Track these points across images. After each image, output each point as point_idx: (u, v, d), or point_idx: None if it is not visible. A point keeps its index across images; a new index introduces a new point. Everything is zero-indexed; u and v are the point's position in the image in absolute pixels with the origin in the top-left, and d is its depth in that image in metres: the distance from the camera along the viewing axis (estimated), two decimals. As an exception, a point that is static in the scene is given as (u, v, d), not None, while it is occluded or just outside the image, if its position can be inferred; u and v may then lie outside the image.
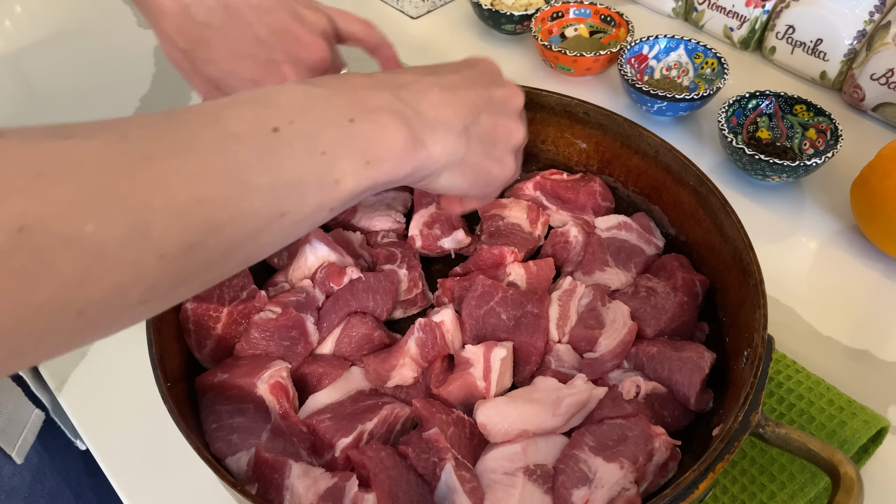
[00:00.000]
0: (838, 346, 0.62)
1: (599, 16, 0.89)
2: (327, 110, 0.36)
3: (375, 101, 0.38)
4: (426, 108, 0.41)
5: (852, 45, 0.79)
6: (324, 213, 0.36)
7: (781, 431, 0.44)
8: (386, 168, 0.38)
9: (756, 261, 0.51)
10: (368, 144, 0.37)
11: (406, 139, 0.39)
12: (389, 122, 0.38)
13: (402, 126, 0.39)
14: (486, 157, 0.45)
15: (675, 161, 0.59)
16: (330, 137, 0.35)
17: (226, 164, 0.31)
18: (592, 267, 0.60)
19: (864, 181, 0.66)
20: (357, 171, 0.36)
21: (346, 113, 0.37)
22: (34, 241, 0.25)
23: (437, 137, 0.41)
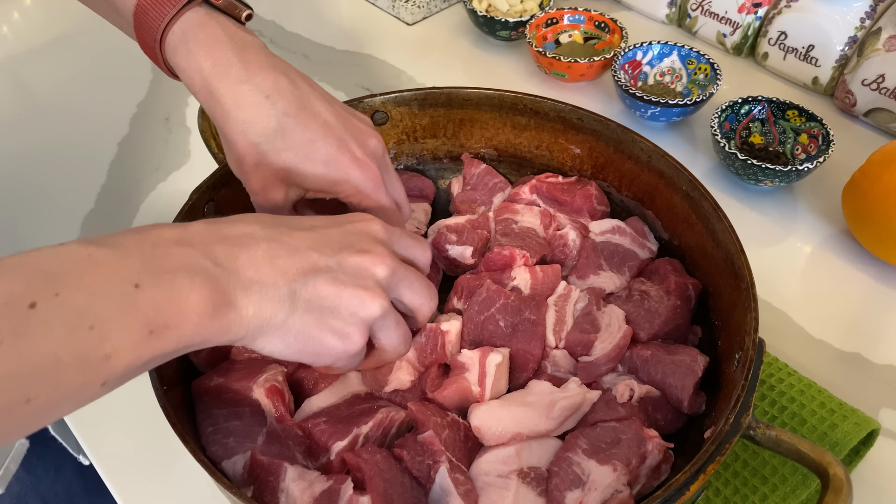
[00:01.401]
0: (830, 349, 0.62)
1: (594, 22, 0.90)
2: (109, 276, 0.33)
3: (174, 261, 0.36)
4: (243, 265, 0.38)
5: (844, 51, 0.80)
6: (93, 390, 0.33)
7: (772, 433, 0.44)
8: (175, 336, 0.35)
9: (747, 265, 0.51)
10: (154, 311, 0.34)
11: (204, 302, 0.36)
12: (187, 283, 0.35)
13: (202, 287, 0.36)
14: (320, 326, 0.41)
15: (668, 166, 0.60)
16: (103, 308, 0.33)
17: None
18: (587, 271, 0.60)
19: (855, 186, 0.66)
20: (136, 343, 0.34)
21: (133, 277, 0.34)
22: None
23: (249, 299, 0.38)
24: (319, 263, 0.41)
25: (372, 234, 0.45)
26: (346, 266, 0.42)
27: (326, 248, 0.42)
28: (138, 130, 0.85)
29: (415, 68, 0.91)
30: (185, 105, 0.88)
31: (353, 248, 0.43)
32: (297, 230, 0.42)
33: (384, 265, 0.43)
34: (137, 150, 0.83)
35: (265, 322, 0.39)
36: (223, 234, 0.39)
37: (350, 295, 0.41)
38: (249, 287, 0.38)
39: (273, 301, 0.39)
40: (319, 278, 0.41)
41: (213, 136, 0.63)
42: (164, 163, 0.81)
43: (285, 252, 0.40)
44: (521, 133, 0.68)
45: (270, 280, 0.39)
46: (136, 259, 0.35)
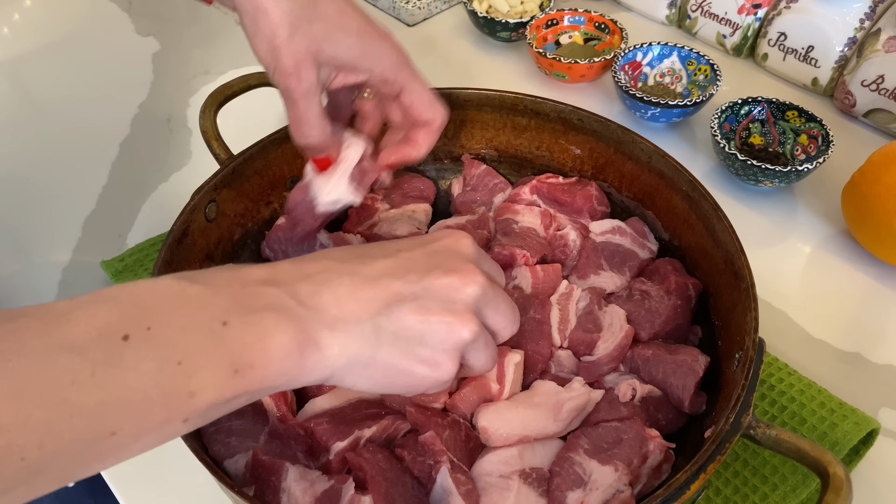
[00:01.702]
0: (830, 349, 0.62)
1: (594, 23, 0.90)
2: (199, 312, 0.34)
3: (261, 300, 0.35)
4: (327, 303, 0.37)
5: (843, 52, 0.80)
6: (175, 427, 0.33)
7: (772, 433, 0.44)
8: (260, 375, 0.34)
9: (747, 265, 0.51)
10: (241, 350, 0.34)
11: (290, 342, 0.35)
12: (272, 323, 0.35)
13: (287, 328, 0.35)
14: (407, 357, 0.39)
15: (668, 167, 0.60)
16: (192, 345, 0.33)
17: (44, 382, 0.29)
18: (587, 271, 0.60)
19: (854, 186, 0.67)
20: (221, 382, 0.33)
21: (222, 315, 0.34)
22: None
23: (334, 338, 0.37)
24: (403, 292, 0.39)
25: (460, 252, 0.42)
26: (432, 290, 0.40)
27: (411, 273, 0.40)
28: (140, 131, 0.85)
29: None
30: (187, 106, 0.88)
31: (440, 268, 0.40)
32: (379, 258, 0.40)
33: (475, 284, 0.40)
34: (139, 151, 0.83)
35: (351, 360, 0.38)
36: (306, 271, 0.38)
37: (438, 322, 0.39)
38: (334, 325, 0.37)
39: (358, 338, 0.38)
40: (404, 308, 0.39)
41: (215, 136, 0.63)
42: (165, 163, 0.81)
43: (367, 284, 0.38)
44: (522, 134, 0.68)
45: (354, 316, 0.38)
46: (226, 297, 0.35)
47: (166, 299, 0.33)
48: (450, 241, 0.42)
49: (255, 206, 0.64)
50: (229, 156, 0.62)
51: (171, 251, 0.54)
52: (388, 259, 0.40)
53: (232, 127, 0.68)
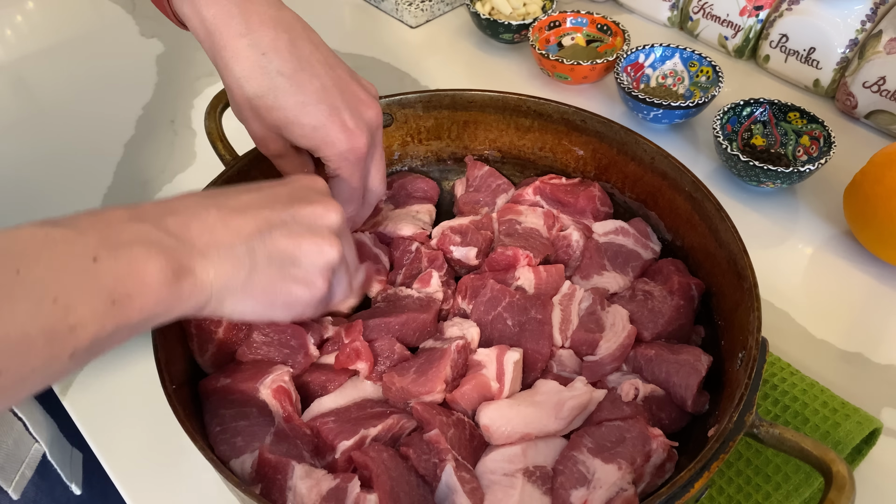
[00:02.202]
0: (832, 349, 0.63)
1: (596, 25, 0.90)
2: (67, 252, 0.34)
3: (129, 235, 0.37)
4: (196, 232, 0.39)
5: (845, 53, 0.81)
6: (62, 363, 0.34)
7: (775, 431, 0.45)
8: (139, 304, 0.36)
9: (750, 265, 0.52)
10: (115, 282, 0.35)
11: (163, 270, 0.37)
12: (143, 254, 0.36)
13: (157, 257, 0.37)
14: (283, 278, 0.42)
15: (671, 167, 0.60)
16: (65, 281, 0.33)
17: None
18: (590, 271, 0.61)
19: (856, 187, 0.67)
20: (100, 314, 0.34)
21: (90, 252, 0.35)
22: None
23: (208, 261, 0.39)
24: (273, 218, 0.42)
25: (315, 189, 0.46)
26: (299, 217, 0.43)
27: (277, 203, 0.43)
28: (144, 132, 0.86)
29: (418, 71, 0.92)
30: (191, 107, 0.89)
31: (303, 200, 0.44)
32: (244, 193, 0.43)
33: (336, 212, 0.45)
34: (143, 152, 0.83)
35: (227, 282, 0.40)
36: (172, 207, 0.40)
37: (309, 244, 0.43)
38: (206, 251, 0.39)
39: (232, 260, 0.40)
40: (275, 233, 0.42)
41: (220, 137, 0.64)
42: (169, 164, 0.82)
43: (235, 213, 0.41)
44: (525, 135, 0.69)
45: (226, 241, 0.40)
46: (92, 236, 0.35)
47: (31, 243, 0.34)
48: (306, 181, 0.46)
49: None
50: (234, 157, 0.63)
51: (177, 251, 0.55)
52: (252, 193, 0.43)
53: (237, 128, 0.68)
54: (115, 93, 0.91)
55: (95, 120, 0.88)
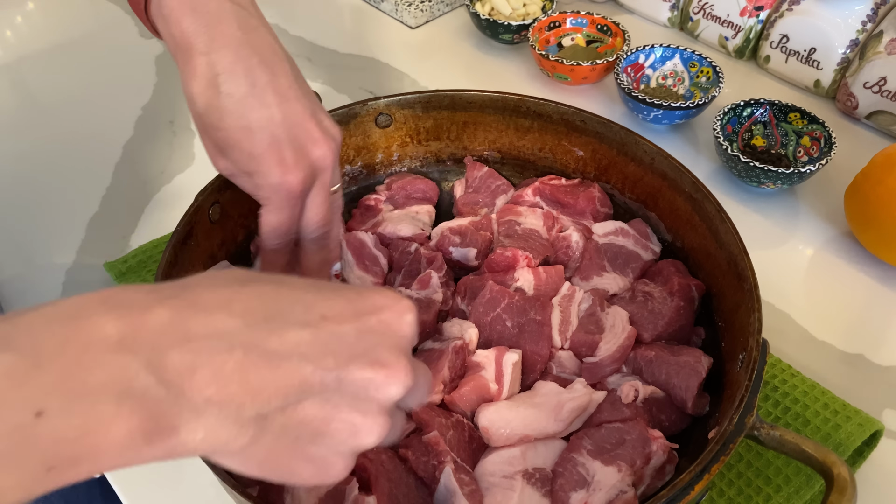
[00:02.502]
0: (833, 350, 0.62)
1: (596, 25, 0.90)
2: (7, 398, 0.26)
3: (102, 375, 0.28)
4: (202, 382, 0.29)
5: (845, 53, 0.80)
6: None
7: (776, 433, 0.44)
8: (85, 470, 0.28)
9: (751, 266, 0.52)
10: (56, 448, 0.27)
11: (131, 433, 0.28)
12: (110, 411, 0.27)
13: (130, 416, 0.28)
14: (293, 454, 0.32)
15: (671, 168, 0.60)
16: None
17: None
18: (590, 272, 0.60)
19: (857, 188, 0.67)
20: (28, 482, 0.27)
21: (38, 401, 0.26)
22: None
23: (199, 423, 0.29)
24: (312, 380, 0.31)
25: (396, 335, 0.34)
26: (346, 384, 0.32)
27: (329, 357, 0.31)
28: (143, 133, 0.86)
29: (418, 71, 0.92)
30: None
31: (365, 357, 0.32)
32: (295, 327, 0.31)
33: (399, 385, 0.33)
34: (142, 153, 0.83)
35: (217, 448, 0.30)
36: (189, 331, 0.30)
37: (342, 422, 0.32)
38: (203, 410, 0.29)
39: (231, 426, 0.30)
40: (306, 402, 0.31)
41: (219, 138, 0.63)
42: (168, 165, 0.81)
43: (265, 364, 0.30)
44: (525, 135, 0.69)
45: (234, 400, 0.29)
46: (52, 372, 0.27)
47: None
48: (390, 317, 0.34)
49: (259, 208, 0.64)
50: (233, 157, 0.62)
51: (175, 252, 0.55)
52: (305, 331, 0.31)
53: (235, 129, 0.68)
54: (115, 94, 0.91)
55: (94, 121, 0.88)
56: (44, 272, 0.71)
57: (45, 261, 0.72)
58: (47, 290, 0.69)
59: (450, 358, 0.52)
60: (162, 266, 0.53)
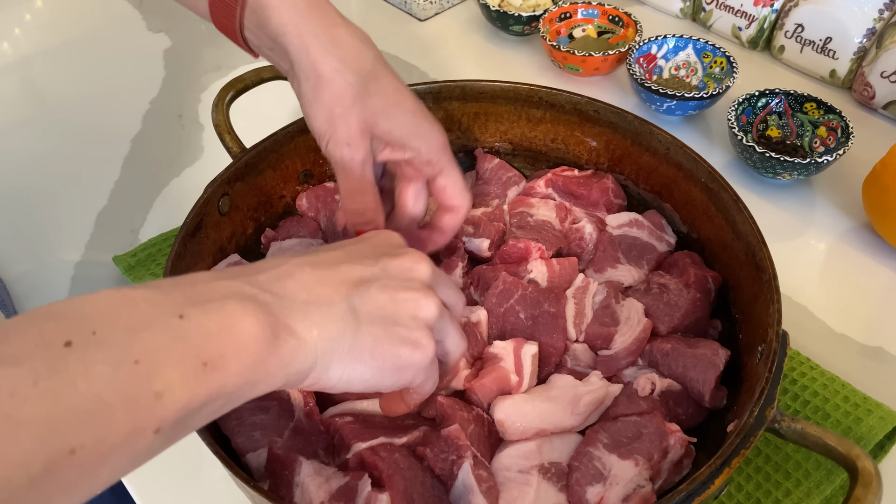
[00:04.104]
0: (852, 343, 0.61)
1: (607, 16, 0.89)
2: (149, 310, 0.30)
3: (218, 291, 0.33)
4: (292, 289, 0.35)
5: (862, 43, 0.79)
6: (146, 439, 0.29)
7: (797, 426, 0.43)
8: (235, 367, 0.31)
9: (769, 256, 0.51)
10: (205, 340, 0.31)
11: (260, 326, 0.32)
12: (235, 309, 0.32)
13: (255, 312, 0.32)
14: (389, 337, 0.38)
15: (687, 158, 0.59)
16: (147, 341, 0.29)
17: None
18: (604, 264, 0.59)
19: (876, 178, 0.66)
20: (190, 377, 0.30)
21: (175, 309, 0.31)
22: None
23: (311, 321, 0.35)
24: (365, 274, 0.39)
25: (395, 242, 0.43)
26: (390, 271, 0.40)
27: (365, 258, 0.40)
28: (151, 127, 0.85)
29: (427, 64, 0.91)
30: (198, 101, 0.88)
31: (388, 254, 0.41)
32: (328, 251, 0.40)
33: (425, 262, 0.42)
34: (151, 147, 0.83)
35: (333, 343, 0.36)
36: (261, 267, 0.36)
37: (405, 299, 0.39)
38: (306, 309, 0.35)
39: (336, 319, 0.36)
40: (371, 288, 0.38)
41: (228, 129, 0.63)
42: (177, 159, 0.81)
43: (329, 270, 0.38)
44: (537, 126, 0.68)
45: (325, 298, 0.36)
46: (177, 294, 0.32)
47: (108, 304, 0.30)
48: (383, 236, 0.44)
49: (268, 200, 0.64)
50: (242, 149, 0.62)
51: (185, 244, 0.54)
52: (338, 250, 0.40)
53: (244, 122, 0.67)
54: (123, 88, 0.91)
55: (103, 115, 0.87)
56: (53, 266, 0.71)
57: (54, 255, 0.72)
58: (56, 285, 0.69)
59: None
60: (171, 257, 0.52)
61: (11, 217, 0.76)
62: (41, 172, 0.81)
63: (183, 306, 0.31)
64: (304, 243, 0.61)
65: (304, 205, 0.65)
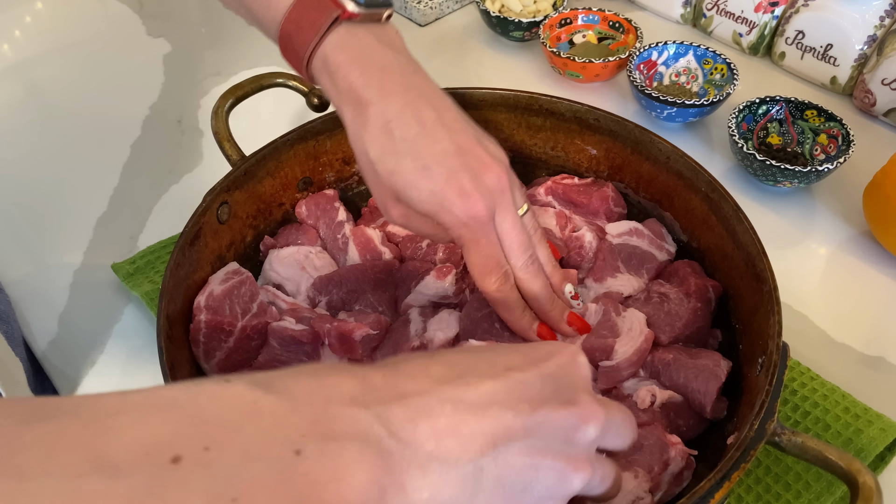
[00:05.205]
0: (853, 353, 0.61)
1: (608, 22, 0.89)
2: (271, 433, 0.27)
3: (346, 424, 0.29)
4: (424, 436, 0.30)
5: (863, 50, 0.79)
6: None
7: (798, 440, 0.43)
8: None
9: (770, 267, 0.50)
10: (310, 487, 0.27)
11: (372, 483, 0.28)
12: (355, 457, 0.28)
13: (371, 465, 0.28)
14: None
15: (687, 167, 0.59)
16: (255, 476, 0.26)
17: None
18: (604, 273, 0.59)
19: (877, 186, 0.65)
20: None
21: (297, 440, 0.27)
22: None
23: (426, 481, 0.30)
24: (514, 427, 0.32)
25: (577, 375, 0.36)
26: (546, 426, 0.33)
27: (523, 402, 0.33)
28: (151, 133, 0.85)
29: (427, 69, 0.89)
30: (198, 107, 0.88)
31: (556, 399, 0.34)
32: (486, 379, 0.33)
33: (596, 423, 0.34)
34: (150, 153, 0.83)
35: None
36: (402, 391, 0.31)
37: (549, 468, 0.32)
38: (427, 466, 0.30)
39: (454, 483, 0.30)
40: (512, 448, 0.32)
41: (227, 137, 0.63)
42: (176, 165, 0.81)
43: (472, 415, 0.31)
44: (537, 134, 0.67)
45: (453, 455, 0.31)
46: (305, 415, 0.28)
47: (234, 411, 0.27)
48: (564, 361, 0.36)
49: (268, 208, 0.64)
50: (241, 157, 0.62)
51: (183, 253, 0.54)
52: (496, 381, 0.33)
53: (243, 129, 0.67)
54: (122, 93, 0.90)
55: (102, 120, 0.87)
56: (51, 272, 0.71)
57: (53, 261, 0.72)
58: (55, 291, 0.69)
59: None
60: (170, 268, 0.52)
61: (10, 220, 0.76)
62: (39, 176, 0.80)
63: (304, 437, 0.28)
64: (302, 251, 0.61)
65: (303, 212, 0.65)
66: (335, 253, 0.62)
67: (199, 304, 0.54)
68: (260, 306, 0.56)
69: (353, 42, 0.50)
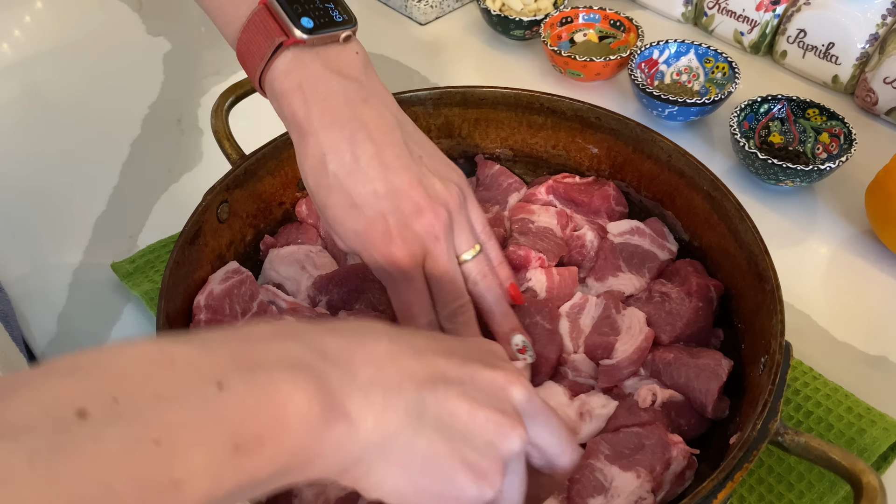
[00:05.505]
0: (855, 352, 0.61)
1: (609, 21, 0.89)
2: (186, 375, 0.26)
3: (271, 354, 0.28)
4: (360, 360, 0.30)
5: (865, 48, 0.79)
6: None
7: (801, 440, 0.43)
8: (270, 453, 0.26)
9: (772, 266, 0.50)
10: (242, 418, 0.26)
11: (309, 403, 0.27)
12: (286, 380, 0.27)
13: (307, 386, 0.27)
14: (452, 454, 0.31)
15: (689, 166, 0.59)
16: (174, 416, 0.25)
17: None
18: (605, 273, 0.59)
19: (879, 185, 0.65)
20: (216, 463, 0.25)
21: (215, 375, 0.26)
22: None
23: (369, 404, 0.29)
24: (449, 372, 0.33)
25: (496, 353, 0.38)
26: (478, 381, 0.33)
27: (454, 356, 0.34)
28: (150, 132, 0.85)
29: (428, 68, 0.91)
30: (198, 106, 0.87)
31: (482, 362, 0.35)
32: (417, 336, 0.34)
33: (521, 386, 0.35)
34: (149, 152, 0.82)
35: (388, 438, 0.30)
36: (333, 327, 0.31)
37: (486, 419, 0.32)
38: (369, 388, 0.29)
39: (399, 410, 0.30)
40: (451, 390, 0.32)
41: (227, 136, 0.63)
42: (176, 164, 0.80)
43: (410, 352, 0.32)
44: (538, 133, 0.67)
45: (395, 382, 0.30)
46: (222, 354, 0.27)
47: (141, 362, 0.26)
48: (485, 344, 0.39)
49: (268, 207, 0.64)
50: (241, 156, 0.61)
51: (183, 252, 0.54)
52: (426, 339, 0.35)
53: (243, 127, 0.67)
54: (122, 92, 0.90)
55: (101, 119, 0.87)
56: (50, 272, 0.70)
57: (52, 260, 0.72)
58: (54, 290, 0.68)
59: None
60: (169, 267, 0.52)
61: (9, 219, 0.76)
62: (39, 175, 0.80)
63: (226, 371, 0.27)
64: (302, 250, 0.61)
65: (303, 211, 0.64)
66: (335, 252, 0.62)
67: (198, 303, 0.54)
68: (260, 305, 0.56)
69: (299, 69, 0.48)
